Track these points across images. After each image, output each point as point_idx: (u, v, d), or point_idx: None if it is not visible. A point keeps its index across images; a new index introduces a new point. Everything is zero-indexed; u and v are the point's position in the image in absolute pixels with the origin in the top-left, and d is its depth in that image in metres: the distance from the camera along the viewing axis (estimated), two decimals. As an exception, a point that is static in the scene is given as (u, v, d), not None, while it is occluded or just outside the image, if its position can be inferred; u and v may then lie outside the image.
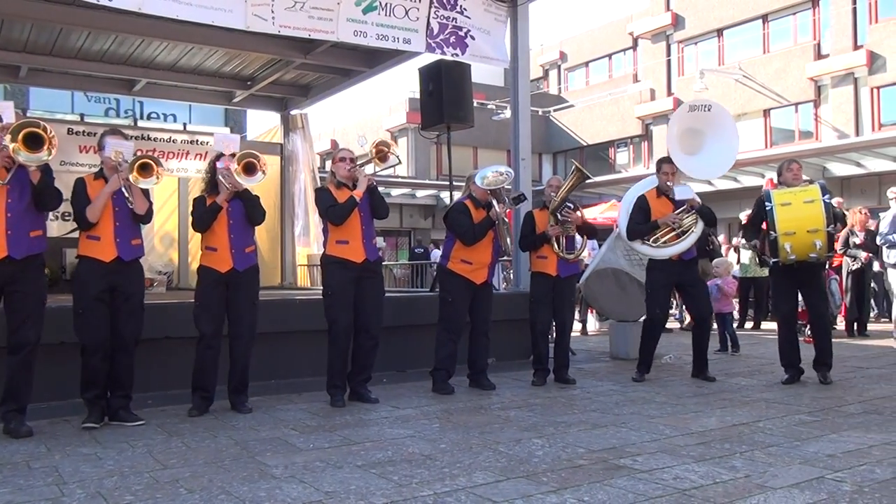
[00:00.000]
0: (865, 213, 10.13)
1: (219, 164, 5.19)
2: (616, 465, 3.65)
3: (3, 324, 4.50)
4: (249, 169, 5.09)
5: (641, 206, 6.45)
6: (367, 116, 28.97)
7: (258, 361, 5.55)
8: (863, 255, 9.77)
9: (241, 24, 6.80)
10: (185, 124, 17.16)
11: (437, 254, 15.47)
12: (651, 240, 6.31)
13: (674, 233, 6.25)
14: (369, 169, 5.69)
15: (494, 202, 5.91)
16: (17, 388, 4.41)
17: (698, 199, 6.34)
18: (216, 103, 12.45)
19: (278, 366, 6.32)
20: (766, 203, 5.91)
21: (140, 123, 14.07)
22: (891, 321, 9.18)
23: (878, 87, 19.50)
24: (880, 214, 9.60)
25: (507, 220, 6.07)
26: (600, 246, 8.92)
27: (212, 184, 5.21)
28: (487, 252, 6.00)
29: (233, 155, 5.20)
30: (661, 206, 6.35)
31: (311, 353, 6.16)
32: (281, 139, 12.05)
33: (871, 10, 19.62)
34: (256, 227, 5.39)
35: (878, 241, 8.85)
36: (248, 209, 5.22)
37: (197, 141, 11.37)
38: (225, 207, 5.13)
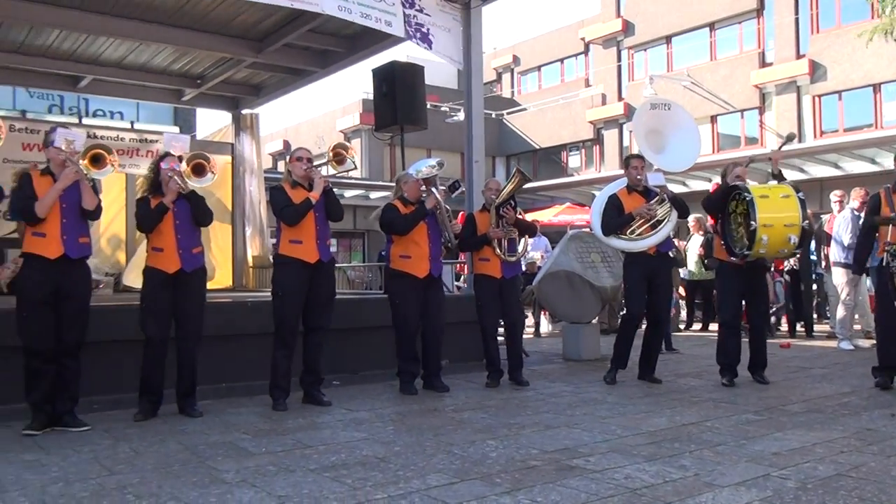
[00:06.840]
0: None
1: (163, 165, 5.09)
2: (569, 465, 3.69)
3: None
4: (199, 170, 5.04)
5: (614, 203, 6.37)
6: (320, 117, 28.74)
7: (208, 364, 5.45)
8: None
9: None
10: (132, 122, 16.74)
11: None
12: (626, 233, 6.28)
13: (648, 224, 6.25)
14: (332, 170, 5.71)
15: (433, 190, 5.92)
16: None
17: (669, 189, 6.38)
18: (165, 101, 12.23)
19: (229, 368, 6.20)
20: (746, 194, 5.80)
21: (85, 121, 13.68)
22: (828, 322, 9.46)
23: (820, 96, 20.11)
24: (822, 217, 9.94)
25: (447, 207, 6.07)
26: (553, 248, 9.01)
27: (155, 184, 5.10)
28: (424, 243, 5.97)
29: (180, 157, 5.12)
30: (633, 202, 6.32)
31: (263, 355, 6.04)
32: (232, 139, 11.87)
33: (813, 21, 20.23)
34: (209, 228, 5.32)
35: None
36: (195, 210, 5.15)
37: (146, 140, 11.12)
38: (171, 208, 5.05)
